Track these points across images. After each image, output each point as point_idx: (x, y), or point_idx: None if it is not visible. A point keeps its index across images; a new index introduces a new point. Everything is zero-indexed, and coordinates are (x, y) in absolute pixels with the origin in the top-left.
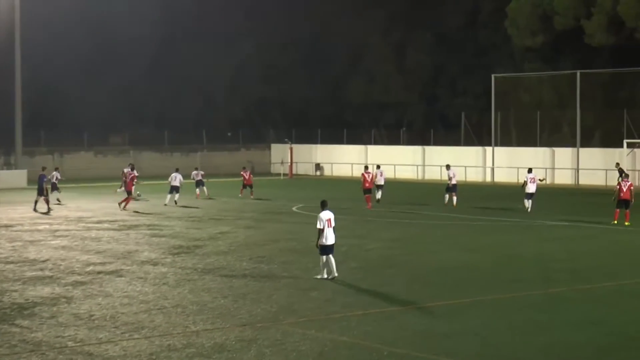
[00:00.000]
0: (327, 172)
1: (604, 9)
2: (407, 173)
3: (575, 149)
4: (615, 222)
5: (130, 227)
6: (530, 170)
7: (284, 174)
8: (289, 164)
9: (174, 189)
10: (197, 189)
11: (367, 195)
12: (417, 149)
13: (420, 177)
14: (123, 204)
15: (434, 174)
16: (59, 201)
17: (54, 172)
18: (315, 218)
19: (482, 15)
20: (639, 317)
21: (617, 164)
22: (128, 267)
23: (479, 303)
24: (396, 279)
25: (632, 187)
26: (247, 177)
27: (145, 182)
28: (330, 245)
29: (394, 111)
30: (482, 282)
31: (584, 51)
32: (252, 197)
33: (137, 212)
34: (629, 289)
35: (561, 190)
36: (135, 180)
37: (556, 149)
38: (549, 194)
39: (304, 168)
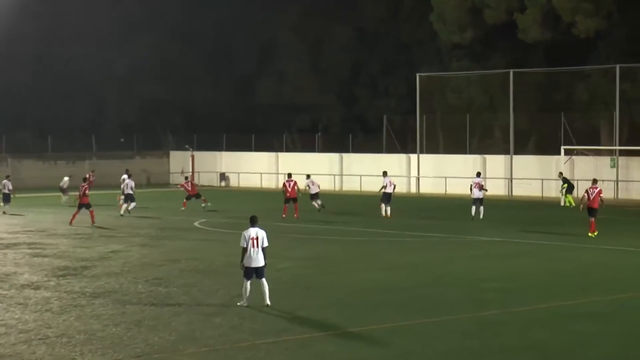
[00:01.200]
0: (233, 182)
1: (538, 2)
2: (323, 183)
3: (508, 156)
4: (593, 234)
5: (7, 246)
6: (478, 174)
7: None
8: (190, 173)
9: (128, 197)
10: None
11: (285, 204)
12: (334, 156)
13: (337, 188)
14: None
15: (353, 184)
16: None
17: (5, 181)
18: (231, 235)
19: (406, 8)
20: (578, 342)
21: (560, 173)
22: (5, 292)
23: (402, 328)
24: (311, 301)
25: (601, 195)
26: (189, 188)
27: (20, 195)
28: (255, 268)
29: (308, 114)
30: (406, 305)
31: (517, 48)
32: (206, 204)
33: (15, 230)
34: (567, 310)
35: (494, 202)
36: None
37: (487, 156)
38: None
39: (208, 178)
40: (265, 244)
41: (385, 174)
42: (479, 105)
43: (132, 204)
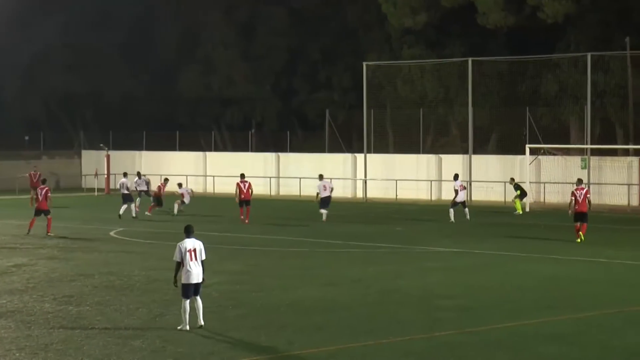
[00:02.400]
0: (154, 186)
1: None
2: (257, 186)
3: (466, 156)
4: (579, 240)
5: None
6: (456, 177)
7: (99, 189)
8: (105, 176)
9: (127, 198)
10: None
11: (241, 208)
12: (269, 156)
13: (274, 192)
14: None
15: (291, 187)
16: None
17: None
18: (152, 246)
19: None
20: None
21: (512, 179)
22: None
23: (346, 352)
24: (243, 322)
25: (588, 195)
26: (159, 192)
27: None
28: (195, 284)
29: (239, 109)
30: (350, 325)
31: (476, 34)
32: (179, 208)
33: None
34: (530, 330)
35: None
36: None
37: (443, 156)
38: (434, 213)
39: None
40: (203, 256)
41: (321, 177)
42: (433, 98)
43: (132, 204)
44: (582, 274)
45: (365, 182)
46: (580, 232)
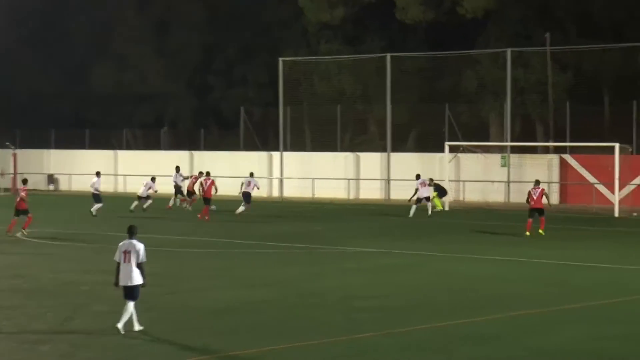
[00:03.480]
0: (63, 185)
1: None
2: (169, 185)
3: (385, 154)
4: (528, 233)
5: None
6: (418, 177)
7: (5, 189)
8: (12, 175)
9: (97, 199)
10: None
11: (206, 206)
12: (183, 154)
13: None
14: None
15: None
16: None
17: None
18: (60, 248)
19: None
20: None
21: (431, 179)
22: None
23: (263, 355)
24: (156, 326)
25: (544, 193)
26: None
27: None
28: (130, 287)
29: (152, 106)
30: (267, 327)
31: (395, 29)
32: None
33: None
34: (452, 331)
35: (369, 207)
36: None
37: (362, 154)
38: (353, 212)
39: (33, 181)
40: (141, 258)
41: (251, 175)
42: (351, 95)
43: (98, 205)
44: (508, 274)
45: (282, 181)
46: (540, 225)
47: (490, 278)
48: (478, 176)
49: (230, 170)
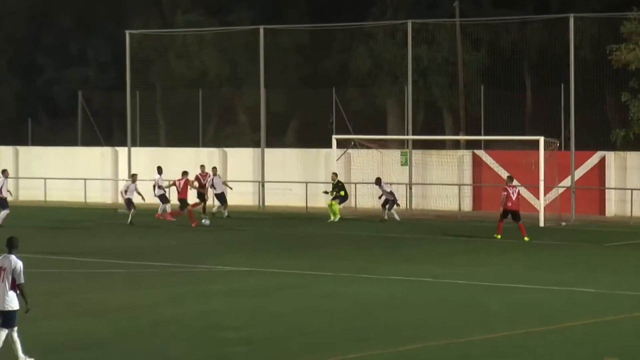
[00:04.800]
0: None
1: None
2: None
3: (258, 150)
4: (499, 236)
5: None
6: (378, 182)
7: None
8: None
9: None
10: None
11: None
12: (4, 150)
13: (13, 198)
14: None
15: (35, 191)
16: None
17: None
18: None
19: None
20: None
21: (334, 174)
22: None
23: None
24: None
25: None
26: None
27: None
28: (3, 312)
29: None
30: None
31: None
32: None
33: None
34: None
35: (239, 214)
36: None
37: (229, 149)
38: (219, 221)
39: None
40: (20, 279)
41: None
42: (216, 77)
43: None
44: (404, 297)
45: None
46: (523, 233)
47: (386, 302)
48: (373, 177)
49: (65, 171)
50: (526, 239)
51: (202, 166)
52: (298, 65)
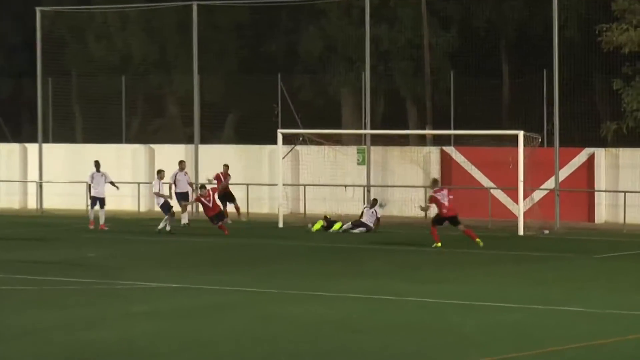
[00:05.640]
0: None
1: None
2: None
3: (191, 146)
4: (439, 244)
5: None
6: (371, 204)
7: None
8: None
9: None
10: None
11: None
12: None
13: None
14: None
15: None
16: None
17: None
18: None
19: None
20: None
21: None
22: None
23: None
24: None
25: (450, 196)
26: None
27: None
28: None
29: None
30: None
31: None
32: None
33: None
34: None
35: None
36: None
37: (157, 146)
38: (147, 231)
39: None
40: None
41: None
42: (142, 62)
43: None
44: (362, 319)
45: (41, 186)
46: (473, 237)
47: (340, 325)
48: (325, 178)
49: None
50: (479, 241)
51: (226, 166)
52: (238, 49)
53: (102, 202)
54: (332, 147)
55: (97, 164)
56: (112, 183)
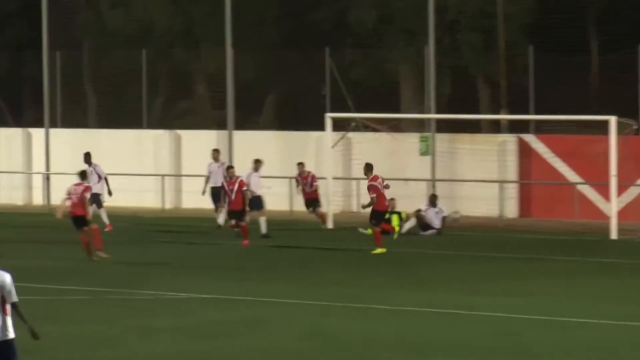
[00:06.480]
0: None
1: None
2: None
3: (224, 133)
4: (384, 249)
5: None
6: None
7: None
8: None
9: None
10: None
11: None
12: None
13: None
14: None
15: None
16: None
17: None
18: None
19: None
20: None
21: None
22: None
23: None
24: None
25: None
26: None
27: None
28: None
29: None
30: None
31: None
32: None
33: None
34: None
35: (196, 220)
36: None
37: (184, 132)
38: (170, 231)
39: None
40: (13, 297)
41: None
42: (166, 33)
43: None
44: (419, 337)
45: (48, 178)
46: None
47: (393, 344)
48: (382, 171)
49: None
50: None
51: (301, 164)
52: (278, 18)
53: (95, 200)
54: (390, 134)
55: (86, 157)
56: (106, 180)
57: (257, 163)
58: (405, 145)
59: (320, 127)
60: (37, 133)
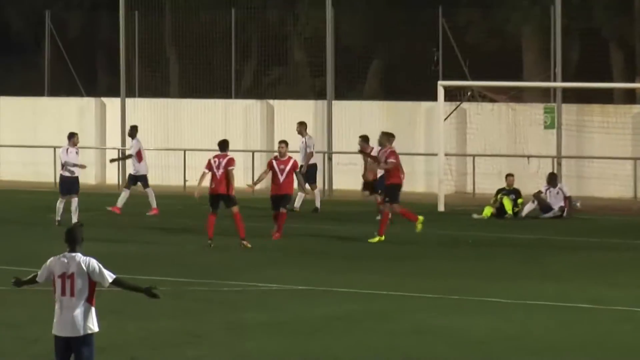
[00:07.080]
0: None
1: None
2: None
3: (322, 103)
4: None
5: None
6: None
7: None
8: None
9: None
10: None
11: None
12: None
13: None
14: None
15: None
16: None
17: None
18: None
19: None
20: None
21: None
22: None
23: None
24: None
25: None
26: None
27: None
28: (67, 338)
29: None
30: None
31: None
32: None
33: None
34: None
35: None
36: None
37: (279, 102)
38: (261, 214)
39: None
40: (106, 278)
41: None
42: None
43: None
44: (544, 335)
45: (124, 154)
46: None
47: (517, 341)
48: (501, 146)
49: (25, 135)
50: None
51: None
52: None
53: (141, 180)
54: (511, 105)
55: (132, 130)
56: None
57: (302, 126)
58: (527, 118)
59: (431, 97)
60: (112, 103)
